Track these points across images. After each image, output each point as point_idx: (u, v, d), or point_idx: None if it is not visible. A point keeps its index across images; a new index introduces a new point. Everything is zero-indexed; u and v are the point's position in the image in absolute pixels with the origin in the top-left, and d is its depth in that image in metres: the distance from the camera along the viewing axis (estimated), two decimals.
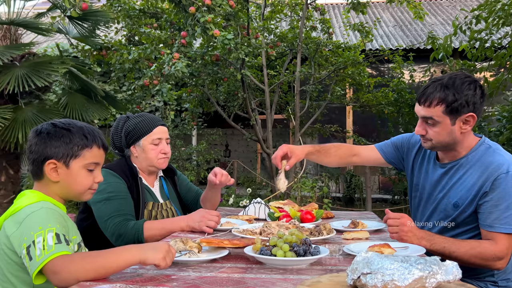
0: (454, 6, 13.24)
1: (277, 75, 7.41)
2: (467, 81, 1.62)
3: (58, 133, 1.40)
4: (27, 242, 1.21)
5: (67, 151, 1.39)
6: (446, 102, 1.60)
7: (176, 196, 2.29)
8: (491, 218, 1.60)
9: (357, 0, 6.28)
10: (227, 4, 4.64)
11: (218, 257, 1.42)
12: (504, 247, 1.58)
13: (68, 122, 1.45)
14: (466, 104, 1.60)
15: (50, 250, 1.18)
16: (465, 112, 1.61)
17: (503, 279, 1.76)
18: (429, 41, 5.52)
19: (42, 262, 1.17)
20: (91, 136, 1.44)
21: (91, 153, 1.43)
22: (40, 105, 6.49)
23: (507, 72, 5.07)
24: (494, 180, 1.60)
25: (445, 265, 0.99)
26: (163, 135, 2.12)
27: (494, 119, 7.08)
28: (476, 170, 1.66)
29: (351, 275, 1.03)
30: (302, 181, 5.48)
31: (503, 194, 1.58)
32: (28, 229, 1.24)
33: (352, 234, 1.74)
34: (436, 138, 1.68)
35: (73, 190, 1.42)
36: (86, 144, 1.42)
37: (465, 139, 1.69)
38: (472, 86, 1.61)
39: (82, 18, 6.11)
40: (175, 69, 4.50)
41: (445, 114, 1.62)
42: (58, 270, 1.17)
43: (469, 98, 1.60)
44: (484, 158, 1.66)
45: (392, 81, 7.56)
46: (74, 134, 1.41)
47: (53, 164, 1.38)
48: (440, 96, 1.61)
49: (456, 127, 1.64)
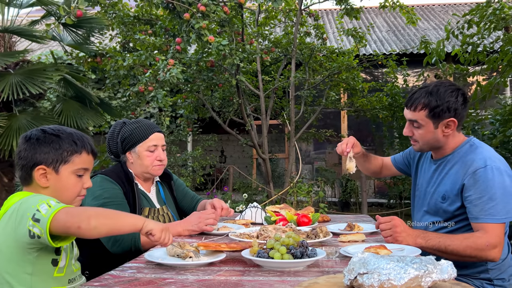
0: (446, 11, 13.38)
1: (272, 81, 7.44)
2: (450, 89, 1.77)
3: (47, 139, 1.41)
4: (30, 214, 1.23)
5: (57, 156, 1.40)
6: (429, 107, 1.76)
7: (172, 201, 2.29)
8: (476, 211, 1.68)
9: (350, 6, 6.34)
10: (222, 11, 4.66)
11: (215, 261, 1.42)
12: (494, 234, 1.65)
13: (57, 128, 1.46)
14: (448, 110, 1.75)
15: (57, 205, 1.22)
16: (446, 117, 1.76)
17: (498, 278, 1.78)
18: (422, 46, 5.58)
19: (51, 213, 1.19)
20: (80, 142, 1.45)
21: (80, 158, 1.44)
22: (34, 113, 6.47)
23: (500, 76, 5.12)
24: (473, 174, 1.71)
25: (440, 264, 1.00)
26: (159, 142, 2.12)
27: (487, 122, 7.14)
28: (460, 165, 1.79)
29: (347, 275, 1.03)
30: (298, 186, 5.49)
31: (484, 186, 1.68)
32: (28, 207, 1.26)
33: (348, 237, 1.75)
34: (422, 139, 1.84)
35: (63, 195, 1.42)
36: (76, 150, 1.43)
37: (449, 140, 1.83)
38: (455, 94, 1.76)
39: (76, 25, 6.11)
40: (170, 75, 4.50)
41: (428, 118, 1.78)
42: (72, 210, 1.22)
43: (451, 104, 1.75)
44: (467, 155, 1.80)
45: (386, 86, 7.61)
46: (64, 140, 1.42)
47: (43, 169, 1.39)
48: (424, 102, 1.77)
49: (438, 130, 1.79)
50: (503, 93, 9.05)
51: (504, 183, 1.69)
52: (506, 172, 1.72)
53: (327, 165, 9.83)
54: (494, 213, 1.65)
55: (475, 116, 6.03)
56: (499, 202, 1.66)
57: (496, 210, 1.65)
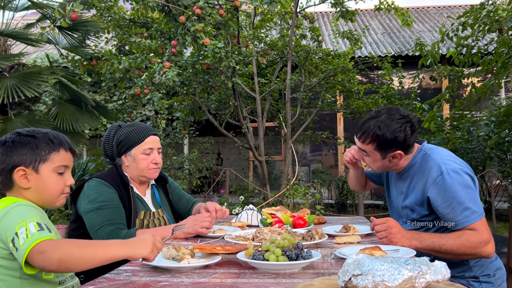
0: (441, 13, 13.46)
1: (268, 83, 7.45)
2: (399, 123, 1.79)
3: (23, 140, 1.41)
4: (10, 236, 1.22)
5: (35, 156, 1.40)
6: (377, 141, 1.80)
7: (168, 204, 2.29)
8: (452, 218, 1.70)
9: (346, 8, 6.37)
10: (217, 13, 4.67)
11: (211, 263, 1.42)
12: (482, 230, 1.67)
13: (32, 130, 1.47)
14: (395, 145, 1.80)
15: (34, 236, 1.19)
16: (393, 150, 1.81)
17: (483, 274, 1.80)
18: (417, 48, 5.60)
19: (27, 248, 1.18)
20: (57, 140, 1.45)
21: (59, 156, 1.44)
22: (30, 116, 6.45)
23: (494, 78, 5.15)
24: (434, 184, 1.74)
25: (434, 265, 1.00)
26: (155, 145, 2.11)
27: (482, 123, 7.18)
28: (418, 177, 1.83)
29: (342, 277, 1.04)
30: (295, 188, 5.49)
31: (448, 193, 1.70)
32: (9, 224, 1.25)
33: (343, 239, 1.75)
34: (372, 165, 1.91)
35: (46, 195, 1.42)
36: (53, 148, 1.43)
37: (402, 163, 1.88)
38: (403, 128, 1.79)
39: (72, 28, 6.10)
40: (166, 78, 4.50)
41: (376, 151, 1.83)
42: (44, 249, 1.18)
43: (398, 139, 1.78)
44: (422, 165, 1.84)
45: (382, 88, 7.64)
46: (40, 140, 1.42)
47: (22, 171, 1.39)
48: (373, 135, 1.80)
49: (386, 160, 1.85)
50: (498, 94, 9.10)
51: (465, 182, 1.71)
52: (463, 170, 1.74)
53: (324, 167, 9.84)
54: (468, 214, 1.67)
55: (470, 117, 6.06)
56: (468, 202, 1.68)
57: (469, 211, 1.67)
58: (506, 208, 7.45)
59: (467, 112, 5.82)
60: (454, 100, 5.98)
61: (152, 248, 1.27)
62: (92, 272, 1.71)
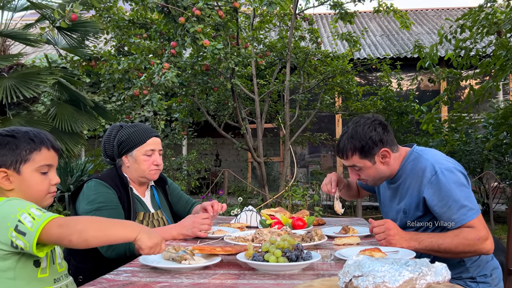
0: (440, 15, 13.50)
1: (266, 85, 7.45)
2: (367, 125, 1.84)
3: (2, 141, 1.38)
4: (12, 225, 1.19)
5: (15, 157, 1.37)
6: (357, 150, 1.83)
7: (167, 205, 2.29)
8: (449, 217, 1.71)
9: (345, 10, 6.38)
10: (217, 15, 4.67)
11: (210, 264, 1.42)
12: (480, 227, 1.68)
13: (12, 129, 1.43)
14: (374, 144, 1.82)
15: (42, 217, 1.17)
16: (377, 150, 1.83)
17: (480, 275, 1.81)
18: (415, 50, 5.62)
19: (40, 225, 1.16)
20: (38, 138, 1.42)
21: (40, 155, 1.41)
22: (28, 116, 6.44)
23: (492, 80, 5.17)
24: (429, 184, 1.74)
25: (435, 266, 1.01)
26: (156, 147, 2.12)
27: (480, 126, 7.20)
28: (412, 179, 1.84)
29: (342, 278, 1.04)
30: (293, 189, 5.49)
31: (443, 192, 1.71)
32: (6, 216, 1.22)
33: (343, 240, 1.76)
34: (369, 177, 1.90)
35: (30, 196, 1.39)
36: (34, 148, 1.40)
37: (392, 164, 1.88)
38: (372, 127, 1.83)
39: (71, 29, 6.10)
40: (165, 78, 4.50)
41: (362, 159, 1.84)
42: (63, 223, 1.17)
43: (374, 138, 1.82)
44: (415, 166, 1.84)
45: (380, 90, 7.65)
46: (20, 139, 1.39)
47: (3, 172, 1.36)
48: (350, 148, 1.84)
49: (377, 164, 1.85)
50: (496, 97, 9.12)
51: (459, 180, 1.73)
52: (456, 169, 1.76)
53: (322, 168, 9.85)
54: (465, 212, 1.68)
55: (468, 120, 6.08)
56: (463, 200, 1.69)
57: (465, 208, 1.68)
58: (504, 210, 7.47)
59: (465, 114, 5.83)
60: (452, 102, 5.99)
61: (155, 245, 1.29)
62: (91, 273, 1.71)
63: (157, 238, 1.30)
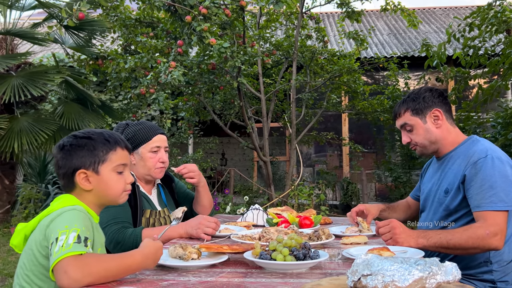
0: (448, 14, 13.40)
1: (273, 83, 7.44)
2: (423, 88, 1.95)
3: (80, 142, 1.42)
4: (52, 238, 1.23)
5: (93, 158, 1.41)
6: (410, 107, 1.92)
7: (174, 204, 2.29)
8: (478, 199, 1.71)
9: (352, 9, 6.35)
10: (223, 13, 4.67)
11: (217, 262, 1.41)
12: (494, 222, 1.66)
13: (87, 131, 1.48)
14: (426, 103, 1.90)
15: (68, 248, 1.18)
16: (429, 110, 1.89)
17: (501, 280, 1.77)
18: (423, 49, 5.57)
19: (57, 258, 1.17)
20: (112, 139, 1.46)
21: (116, 155, 1.45)
22: (36, 115, 6.48)
23: (501, 79, 5.12)
24: (474, 164, 1.74)
25: (445, 266, 0.99)
26: (162, 144, 2.12)
27: (488, 125, 7.13)
28: (462, 159, 1.83)
29: (351, 277, 1.03)
30: (299, 189, 5.48)
31: (485, 175, 1.71)
32: (56, 227, 1.25)
33: (350, 239, 1.74)
34: (419, 140, 1.92)
35: (108, 195, 1.44)
36: (110, 148, 1.44)
37: (446, 135, 1.90)
38: (428, 90, 1.93)
39: (78, 28, 6.12)
40: (172, 77, 4.50)
41: (414, 116, 1.91)
42: (77, 264, 1.17)
43: (427, 98, 1.90)
44: (469, 148, 1.85)
45: (387, 89, 7.61)
46: (96, 141, 1.43)
47: (83, 173, 1.40)
48: (404, 106, 1.94)
49: (429, 124, 1.90)
50: (505, 96, 9.04)
51: (506, 172, 1.71)
52: (508, 163, 1.75)
53: (328, 168, 9.82)
54: (495, 201, 1.67)
55: (476, 119, 6.03)
56: (500, 190, 1.67)
57: (497, 198, 1.67)
58: None
59: (473, 114, 5.78)
60: (460, 101, 5.95)
61: (155, 259, 1.32)
62: None
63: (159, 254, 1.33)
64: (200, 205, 2.24)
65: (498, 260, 1.77)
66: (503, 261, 1.78)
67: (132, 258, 1.27)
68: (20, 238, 1.38)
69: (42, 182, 7.85)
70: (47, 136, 5.89)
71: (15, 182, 7.19)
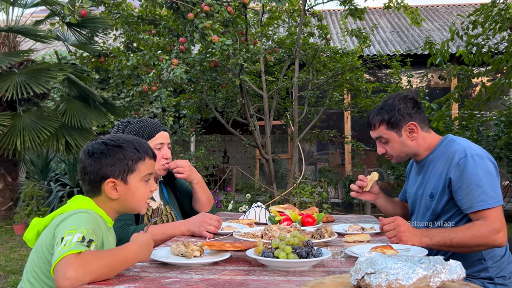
0: (451, 12, 13.35)
1: (275, 81, 7.42)
2: (398, 98, 1.90)
3: (111, 151, 1.41)
4: (58, 238, 1.22)
5: (123, 167, 1.40)
6: (385, 120, 1.88)
7: (176, 201, 2.28)
8: (468, 200, 1.70)
9: (355, 6, 6.32)
10: (226, 11, 4.65)
11: (220, 260, 1.41)
12: (495, 219, 1.66)
13: (117, 138, 1.45)
14: (402, 117, 1.86)
15: (70, 246, 1.17)
16: (404, 123, 1.86)
17: (498, 276, 1.77)
18: (426, 47, 5.55)
19: (58, 257, 1.16)
20: (142, 148, 1.45)
21: (144, 165, 1.44)
22: (38, 112, 6.49)
23: (504, 77, 5.09)
24: (457, 165, 1.74)
25: (449, 264, 0.99)
26: (165, 140, 2.10)
27: (492, 123, 7.10)
28: (442, 161, 1.83)
29: (354, 275, 1.02)
30: (301, 187, 5.47)
31: (469, 175, 1.71)
32: (64, 227, 1.25)
33: (353, 237, 1.74)
34: (395, 152, 1.91)
35: (132, 204, 1.44)
36: (139, 157, 1.43)
37: (421, 143, 1.89)
38: (402, 101, 1.88)
39: (80, 25, 6.12)
40: (174, 75, 4.50)
41: (389, 130, 1.88)
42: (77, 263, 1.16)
43: (402, 110, 1.86)
44: (447, 149, 1.84)
45: (390, 87, 7.58)
46: (126, 150, 1.42)
47: (112, 182, 1.39)
48: (378, 118, 1.89)
49: (404, 137, 1.88)
50: (508, 94, 9.01)
51: (488, 168, 1.72)
52: (487, 158, 1.75)
53: (330, 166, 9.81)
54: (485, 199, 1.67)
55: (479, 117, 6.00)
56: (487, 187, 1.68)
57: (486, 195, 1.67)
58: None
59: (476, 112, 5.75)
60: (463, 99, 5.92)
61: (149, 250, 1.33)
62: None
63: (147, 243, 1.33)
64: (198, 202, 2.22)
65: (491, 256, 1.78)
66: (497, 256, 1.78)
67: (128, 251, 1.27)
68: (33, 233, 1.38)
69: (44, 179, 7.86)
70: (49, 133, 5.90)
71: (18, 179, 7.21)
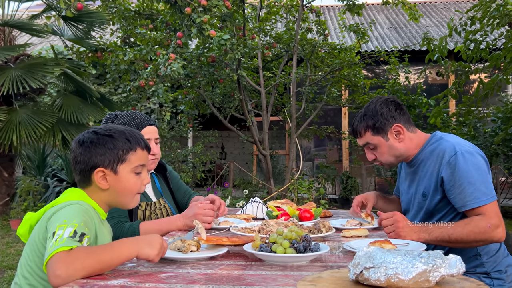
0: (449, 8, 13.33)
1: (273, 77, 7.40)
2: (379, 102, 1.88)
3: (101, 140, 1.39)
4: (50, 232, 1.21)
5: (113, 157, 1.38)
6: (370, 126, 1.86)
7: (169, 192, 2.25)
8: (462, 198, 1.69)
9: (353, 2, 6.30)
10: (223, 5, 4.63)
11: (217, 255, 1.40)
12: (491, 214, 1.65)
13: (108, 128, 1.44)
14: (386, 120, 1.84)
15: (61, 242, 1.16)
16: (389, 126, 1.84)
17: (495, 270, 1.77)
18: (424, 43, 5.54)
19: (49, 254, 1.15)
20: (134, 138, 1.43)
21: (136, 156, 1.42)
22: (34, 107, 6.45)
23: (502, 73, 5.09)
24: (448, 164, 1.73)
25: (449, 259, 0.98)
26: (152, 135, 2.05)
27: (489, 120, 7.11)
28: (432, 159, 1.82)
29: (353, 269, 1.01)
30: (299, 183, 5.47)
31: (461, 173, 1.69)
32: (55, 221, 1.23)
33: (351, 232, 1.73)
34: (384, 158, 1.89)
35: (123, 196, 1.42)
36: (130, 148, 1.41)
37: (409, 144, 1.87)
38: (384, 104, 1.86)
39: (77, 19, 6.07)
40: (171, 69, 4.47)
41: (375, 135, 1.86)
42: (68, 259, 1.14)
43: (385, 114, 1.84)
44: (435, 148, 1.82)
45: (388, 83, 7.58)
46: (117, 139, 1.40)
47: (102, 172, 1.38)
48: (363, 125, 1.87)
49: (391, 140, 1.86)
50: (505, 90, 9.01)
51: (478, 164, 1.71)
52: (477, 153, 1.74)
53: (328, 162, 9.81)
54: (478, 196, 1.66)
55: (477, 113, 6.00)
56: (480, 184, 1.67)
57: (479, 192, 1.66)
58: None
59: (474, 108, 5.76)
60: (460, 95, 5.92)
61: (159, 250, 1.26)
62: None
63: (158, 241, 1.27)
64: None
65: (486, 251, 1.78)
66: (492, 250, 1.78)
67: (122, 245, 1.24)
68: (26, 227, 1.37)
69: (41, 174, 7.83)
70: (46, 128, 5.86)
71: (14, 175, 7.18)
